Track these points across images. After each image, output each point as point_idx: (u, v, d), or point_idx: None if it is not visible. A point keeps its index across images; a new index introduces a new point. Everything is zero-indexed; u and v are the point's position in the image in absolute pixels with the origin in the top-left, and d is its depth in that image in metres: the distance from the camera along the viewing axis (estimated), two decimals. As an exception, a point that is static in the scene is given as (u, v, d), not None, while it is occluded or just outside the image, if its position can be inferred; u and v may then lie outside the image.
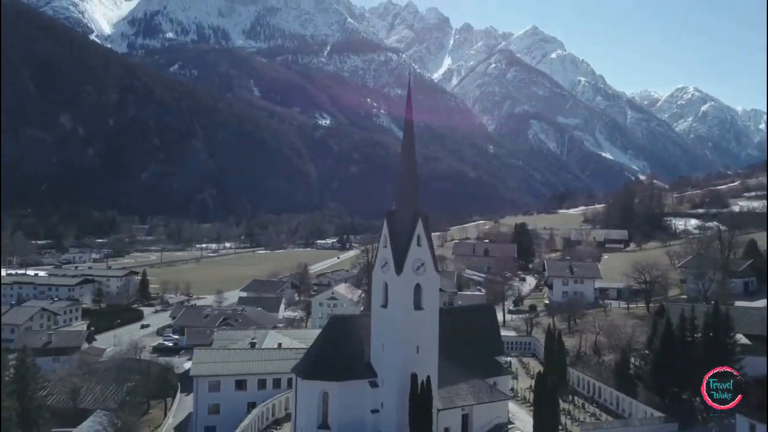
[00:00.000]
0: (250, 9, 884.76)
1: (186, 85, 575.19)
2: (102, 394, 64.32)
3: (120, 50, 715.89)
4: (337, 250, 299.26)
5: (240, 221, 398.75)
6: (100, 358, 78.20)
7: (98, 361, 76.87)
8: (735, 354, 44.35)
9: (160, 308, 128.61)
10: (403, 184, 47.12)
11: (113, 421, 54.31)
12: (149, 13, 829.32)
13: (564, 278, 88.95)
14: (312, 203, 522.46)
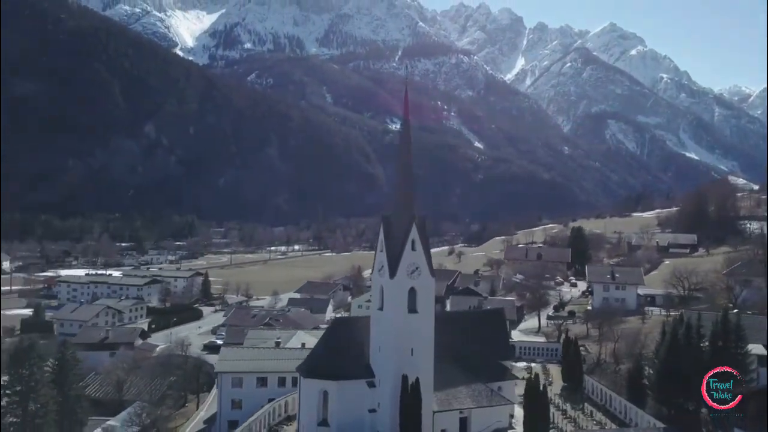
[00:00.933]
0: (323, 17, 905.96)
1: (261, 93, 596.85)
2: (144, 387, 69.03)
3: (202, 62, 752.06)
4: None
5: (311, 225, 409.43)
6: (152, 354, 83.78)
7: (149, 356, 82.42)
8: (746, 365, 42.41)
9: (219, 308, 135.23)
10: (399, 188, 48.30)
11: (148, 412, 58.48)
12: (229, 25, 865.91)
13: (604, 284, 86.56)
14: (381, 207, 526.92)
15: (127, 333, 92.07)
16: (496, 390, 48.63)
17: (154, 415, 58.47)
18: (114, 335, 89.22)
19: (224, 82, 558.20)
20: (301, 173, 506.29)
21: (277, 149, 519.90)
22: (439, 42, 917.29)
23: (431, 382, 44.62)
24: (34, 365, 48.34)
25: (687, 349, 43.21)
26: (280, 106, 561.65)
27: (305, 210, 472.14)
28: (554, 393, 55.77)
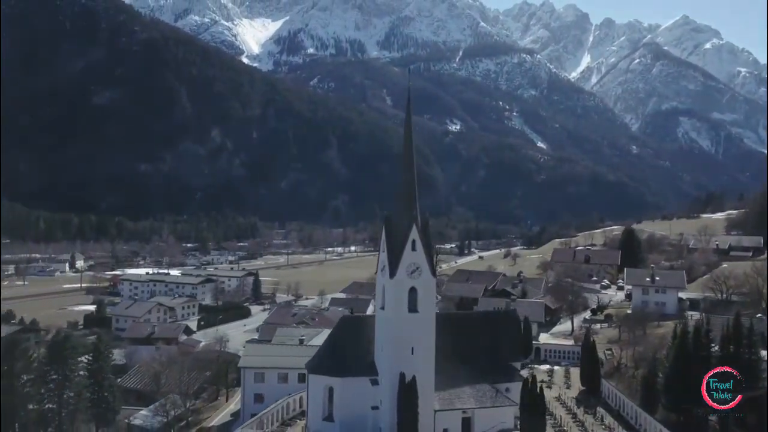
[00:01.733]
0: (384, 20, 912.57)
1: (321, 97, 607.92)
2: (181, 381, 72.49)
3: (267, 68, 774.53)
4: (455, 255, 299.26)
5: (368, 226, 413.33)
6: (194, 349, 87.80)
7: (191, 351, 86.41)
8: (757, 371, 40.60)
9: (268, 307, 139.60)
10: (401, 189, 49.01)
11: (178, 403, 61.78)
12: (293, 31, 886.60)
13: (644, 287, 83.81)
14: (439, 208, 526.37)
15: (172, 329, 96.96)
16: (503, 391, 48.62)
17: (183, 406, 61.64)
18: (160, 331, 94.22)
19: (286, 87, 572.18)
20: (360, 175, 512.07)
21: (336, 152, 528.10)
22: (500, 41, 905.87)
23: (432, 381, 45.13)
24: (69, 356, 52.30)
25: (695, 354, 41.83)
26: (340, 109, 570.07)
27: (363, 211, 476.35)
28: (570, 396, 55.13)
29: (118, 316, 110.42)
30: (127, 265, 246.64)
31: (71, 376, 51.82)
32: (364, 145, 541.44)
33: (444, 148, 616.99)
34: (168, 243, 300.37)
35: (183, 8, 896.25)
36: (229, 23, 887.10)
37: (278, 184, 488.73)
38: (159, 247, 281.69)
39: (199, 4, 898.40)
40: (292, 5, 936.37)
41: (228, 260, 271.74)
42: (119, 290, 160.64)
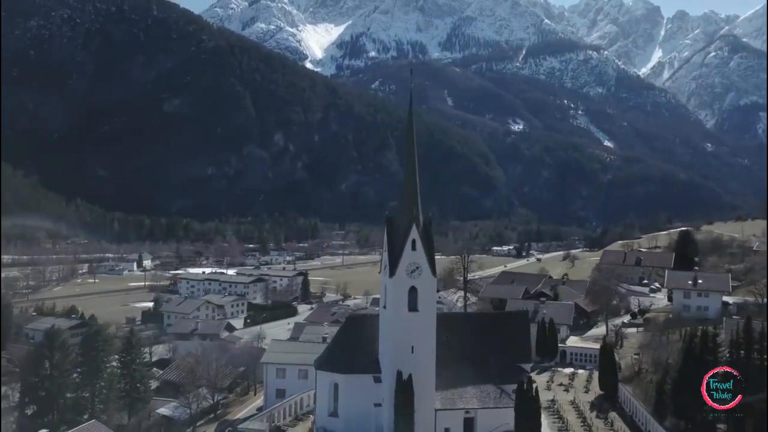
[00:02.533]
0: (446, 21, 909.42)
1: (381, 100, 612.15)
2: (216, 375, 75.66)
3: (329, 72, 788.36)
4: (513, 258, 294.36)
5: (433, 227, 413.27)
6: (234, 345, 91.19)
7: (230, 347, 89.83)
8: (767, 377, 38.52)
9: (315, 305, 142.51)
10: (403, 190, 49.53)
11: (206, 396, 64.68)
12: (355, 35, 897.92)
13: (685, 291, 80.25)
14: (500, 209, 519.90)
15: (214, 326, 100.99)
16: (509, 392, 48.15)
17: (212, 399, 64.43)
18: (203, 327, 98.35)
19: (347, 91, 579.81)
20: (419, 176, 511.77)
21: (395, 153, 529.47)
22: (565, 38, 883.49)
23: (432, 380, 45.42)
24: (100, 349, 55.95)
25: (703, 359, 40.15)
26: (400, 111, 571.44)
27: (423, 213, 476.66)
28: (585, 400, 53.96)
29: (170, 312, 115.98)
30: (190, 264, 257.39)
31: (102, 367, 55.42)
32: (423, 147, 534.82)
33: (506, 149, 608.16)
34: (230, 243, 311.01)
35: (250, 16, 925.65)
36: (294, 29, 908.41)
37: (338, 186, 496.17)
38: (221, 248, 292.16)
39: (266, 12, 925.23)
40: (354, 9, 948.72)
41: (286, 260, 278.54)
42: (178, 288, 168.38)
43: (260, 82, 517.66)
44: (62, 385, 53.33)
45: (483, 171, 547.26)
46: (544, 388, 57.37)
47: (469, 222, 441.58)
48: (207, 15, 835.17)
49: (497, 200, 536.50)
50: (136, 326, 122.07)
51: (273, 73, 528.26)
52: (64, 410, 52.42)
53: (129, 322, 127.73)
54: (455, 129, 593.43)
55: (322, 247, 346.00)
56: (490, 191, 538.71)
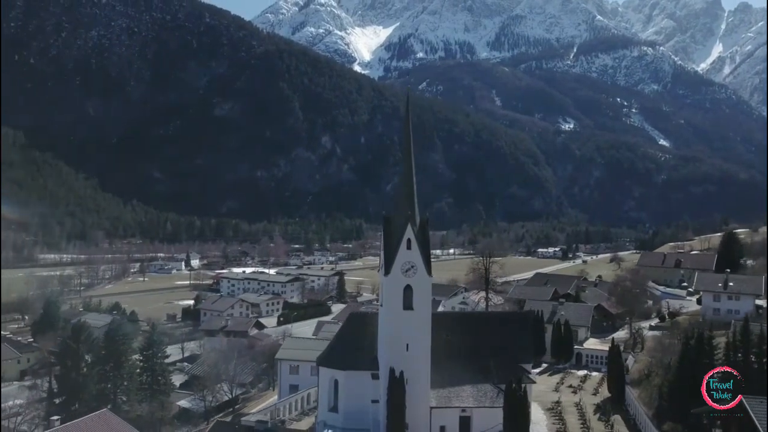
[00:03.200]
0: (495, 20, 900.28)
1: (428, 101, 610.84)
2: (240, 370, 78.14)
3: (378, 74, 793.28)
4: (558, 260, 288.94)
5: (471, 228, 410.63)
6: (261, 342, 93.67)
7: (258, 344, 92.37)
8: (766, 380, 37.14)
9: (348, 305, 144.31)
10: (400, 189, 50.06)
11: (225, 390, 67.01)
12: (402, 37, 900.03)
13: (715, 294, 77.43)
14: (549, 210, 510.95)
15: (244, 323, 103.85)
16: (503, 392, 48.20)
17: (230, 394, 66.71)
18: (232, 324, 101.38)
19: (393, 93, 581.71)
20: (465, 177, 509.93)
21: (441, 154, 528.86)
22: (619, 35, 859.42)
23: (427, 378, 45.86)
24: (120, 343, 58.97)
25: (699, 362, 39.11)
26: (446, 111, 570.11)
27: (468, 214, 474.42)
28: (592, 402, 53.19)
29: (206, 310, 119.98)
30: (235, 264, 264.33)
31: (123, 361, 58.42)
32: (470, 147, 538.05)
33: (555, 148, 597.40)
34: (276, 244, 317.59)
35: (300, 21, 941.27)
36: (342, 32, 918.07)
37: (384, 187, 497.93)
38: (267, 248, 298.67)
39: (315, 16, 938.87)
40: (402, 11, 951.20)
41: (329, 260, 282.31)
42: (219, 287, 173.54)
43: (308, 86, 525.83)
44: (87, 377, 56.43)
45: (531, 171, 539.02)
46: (552, 390, 56.93)
47: (517, 223, 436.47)
48: (258, 21, 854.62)
49: (546, 201, 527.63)
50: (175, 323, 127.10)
51: (320, 77, 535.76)
52: (89, 400, 55.41)
53: (169, 319, 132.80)
54: (503, 129, 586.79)
55: (365, 247, 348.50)
56: (539, 192, 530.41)
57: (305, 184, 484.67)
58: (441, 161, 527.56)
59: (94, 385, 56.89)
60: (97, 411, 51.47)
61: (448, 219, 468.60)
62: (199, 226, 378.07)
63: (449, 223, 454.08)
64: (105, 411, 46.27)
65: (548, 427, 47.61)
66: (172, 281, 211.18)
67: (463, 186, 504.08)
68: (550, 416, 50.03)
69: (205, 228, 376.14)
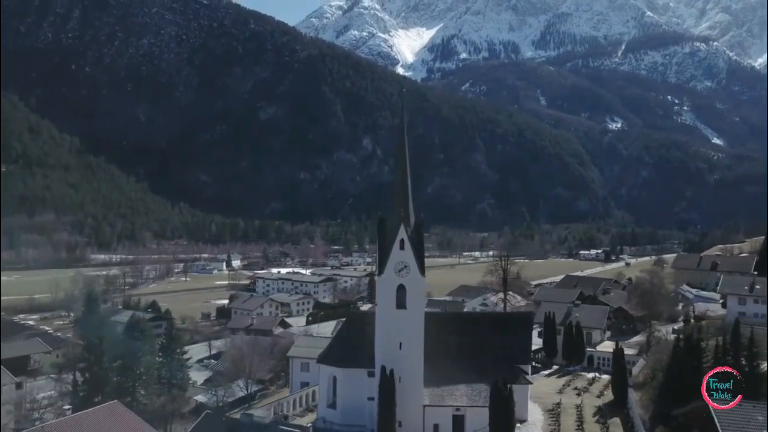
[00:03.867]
0: (540, 19, 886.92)
1: (470, 101, 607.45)
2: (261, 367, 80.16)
3: (420, 76, 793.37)
4: (600, 262, 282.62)
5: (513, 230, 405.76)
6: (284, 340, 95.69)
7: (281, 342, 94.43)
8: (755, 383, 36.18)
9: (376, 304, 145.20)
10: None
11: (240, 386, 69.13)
12: (446, 38, 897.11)
13: (740, 296, 74.88)
14: (595, 211, 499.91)
15: (269, 321, 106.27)
16: (505, 393, 48.33)
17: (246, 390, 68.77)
18: (258, 323, 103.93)
19: (434, 94, 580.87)
20: (508, 178, 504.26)
21: (484, 155, 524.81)
22: (669, 31, 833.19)
23: (420, 376, 46.52)
24: (137, 339, 61.85)
25: (688, 364, 38.40)
26: (489, 112, 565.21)
27: (511, 216, 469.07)
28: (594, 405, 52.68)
29: (237, 308, 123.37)
30: (275, 264, 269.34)
31: (140, 356, 61.24)
32: (513, 147, 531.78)
33: (602, 148, 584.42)
34: (316, 245, 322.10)
35: (344, 25, 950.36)
36: (386, 35, 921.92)
37: (424, 188, 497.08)
38: (307, 249, 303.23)
39: (359, 19, 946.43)
40: (445, 12, 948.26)
41: (366, 261, 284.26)
42: (255, 287, 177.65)
43: (350, 89, 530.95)
44: (108, 370, 59.42)
45: (576, 172, 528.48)
46: (557, 392, 56.60)
47: (561, 225, 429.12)
48: (303, 26, 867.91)
49: (592, 202, 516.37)
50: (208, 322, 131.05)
51: (362, 80, 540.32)
52: (110, 393, 58.26)
53: (204, 317, 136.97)
54: (547, 129, 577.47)
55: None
56: (584, 193, 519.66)
57: (347, 186, 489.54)
58: (483, 162, 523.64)
59: (114, 378, 59.79)
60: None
61: (490, 220, 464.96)
62: (243, 227, 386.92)
63: (491, 224, 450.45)
64: (115, 403, 48.60)
65: (543, 428, 47.50)
66: (212, 281, 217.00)
67: (506, 187, 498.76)
68: (548, 417, 49.86)
69: (248, 229, 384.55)
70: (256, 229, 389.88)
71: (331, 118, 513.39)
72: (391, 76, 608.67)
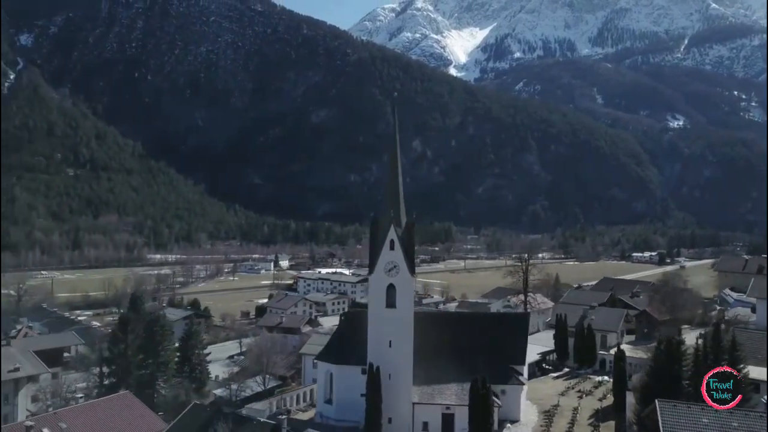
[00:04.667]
0: (597, 15, 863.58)
1: (522, 101, 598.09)
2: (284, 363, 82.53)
3: (473, 76, 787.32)
4: (653, 265, 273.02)
5: (565, 231, 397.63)
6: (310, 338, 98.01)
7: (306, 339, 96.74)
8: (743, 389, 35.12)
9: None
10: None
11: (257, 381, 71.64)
12: (499, 37, 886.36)
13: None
14: (653, 213, 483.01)
15: (297, 320, 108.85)
16: (498, 392, 48.65)
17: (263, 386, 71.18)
18: (287, 321, 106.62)
19: (486, 94, 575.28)
20: (562, 179, 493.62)
21: (536, 156, 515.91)
22: (737, 23, 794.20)
23: (409, 374, 47.46)
24: (157, 333, 65.12)
25: (669, 368, 37.65)
26: (542, 112, 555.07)
27: (564, 217, 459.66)
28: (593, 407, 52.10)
29: (272, 307, 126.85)
30: (322, 265, 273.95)
31: (159, 350, 64.53)
32: (567, 147, 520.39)
33: (662, 147, 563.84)
34: (363, 246, 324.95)
35: (397, 27, 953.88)
36: (438, 36, 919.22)
37: (475, 189, 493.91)
38: (353, 250, 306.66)
39: (411, 21, 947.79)
40: (499, 12, 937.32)
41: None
42: (297, 286, 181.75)
43: (400, 91, 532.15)
44: (130, 364, 62.92)
45: (634, 172, 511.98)
46: (559, 394, 56.20)
47: (616, 226, 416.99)
48: (356, 29, 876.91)
49: (650, 203, 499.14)
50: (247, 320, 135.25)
51: (412, 81, 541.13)
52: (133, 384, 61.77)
53: (243, 315, 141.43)
54: (603, 128, 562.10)
55: (449, 251, 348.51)
56: (641, 193, 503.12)
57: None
58: (536, 162, 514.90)
59: (136, 370, 63.24)
60: (143, 395, 58.21)
61: (543, 222, 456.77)
62: (294, 228, 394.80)
63: (544, 226, 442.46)
64: (126, 393, 51.74)
65: (534, 429, 47.46)
66: (258, 281, 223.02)
67: (559, 188, 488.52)
68: (542, 418, 49.74)
69: (299, 230, 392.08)
70: (306, 230, 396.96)
71: (381, 121, 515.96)
72: (441, 76, 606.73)
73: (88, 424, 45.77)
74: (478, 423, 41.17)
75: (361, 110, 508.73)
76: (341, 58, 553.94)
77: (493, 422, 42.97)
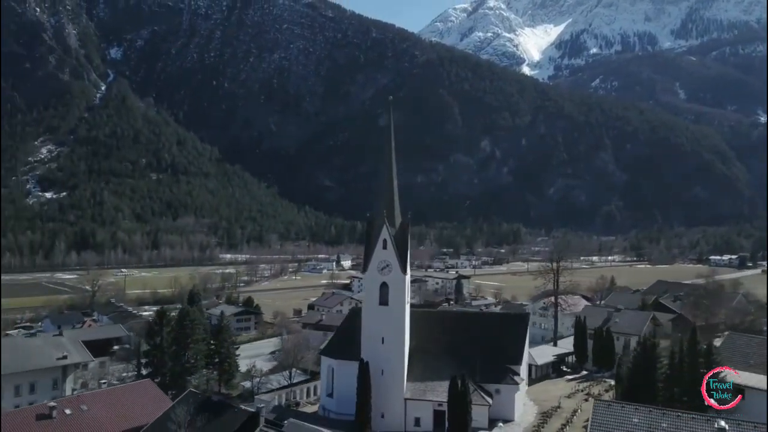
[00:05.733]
0: (680, 6, 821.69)
1: (597, 98, 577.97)
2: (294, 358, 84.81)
3: (547, 74, 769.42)
4: (733, 268, 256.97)
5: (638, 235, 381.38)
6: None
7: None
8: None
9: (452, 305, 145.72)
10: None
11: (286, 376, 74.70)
12: (575, 33, 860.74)
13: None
14: (740, 213, 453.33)
15: (336, 318, 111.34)
16: (492, 391, 48.88)
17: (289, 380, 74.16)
18: (326, 319, 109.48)
19: (558, 92, 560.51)
20: (638, 179, 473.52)
21: (611, 154, 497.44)
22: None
23: (402, 370, 48.52)
24: (187, 328, 69.12)
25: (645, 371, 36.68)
26: (617, 109, 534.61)
27: (642, 218, 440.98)
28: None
29: (318, 305, 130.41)
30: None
31: (189, 343, 68.53)
32: (644, 146, 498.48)
33: (751, 144, 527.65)
34: (425, 247, 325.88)
35: (468, 27, 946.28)
36: (511, 34, 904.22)
37: (546, 190, 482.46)
38: (415, 252, 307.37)
39: (483, 20, 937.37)
40: (575, 7, 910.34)
41: (472, 264, 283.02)
42: (352, 286, 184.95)
43: (468, 91, 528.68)
44: (164, 355, 67.37)
45: (718, 170, 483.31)
46: (566, 396, 55.45)
47: (697, 228, 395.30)
48: (427, 30, 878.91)
49: (737, 203, 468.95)
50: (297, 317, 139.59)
51: (481, 81, 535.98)
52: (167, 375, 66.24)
53: (295, 313, 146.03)
54: (684, 124, 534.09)
55: (515, 252, 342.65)
56: (726, 192, 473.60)
57: (463, 189, 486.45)
58: (611, 161, 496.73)
59: (170, 361, 67.61)
60: (177, 385, 62.60)
61: (618, 224, 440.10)
62: (361, 229, 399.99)
63: (618, 227, 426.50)
64: (146, 381, 55.73)
65: (525, 429, 47.29)
66: (319, 280, 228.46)
67: (635, 188, 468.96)
68: (539, 419, 49.42)
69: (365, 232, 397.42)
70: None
71: (448, 121, 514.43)
72: (511, 75, 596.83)
73: (106, 407, 49.87)
74: (455, 420, 41.71)
75: (429, 112, 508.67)
76: (409, 61, 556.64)
77: (471, 420, 43.26)
